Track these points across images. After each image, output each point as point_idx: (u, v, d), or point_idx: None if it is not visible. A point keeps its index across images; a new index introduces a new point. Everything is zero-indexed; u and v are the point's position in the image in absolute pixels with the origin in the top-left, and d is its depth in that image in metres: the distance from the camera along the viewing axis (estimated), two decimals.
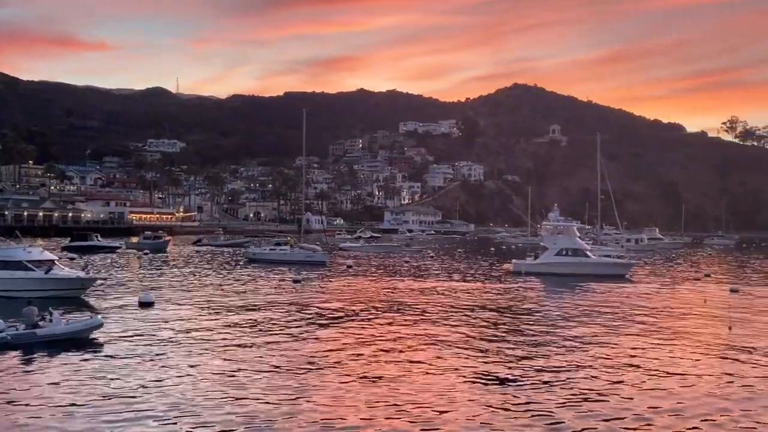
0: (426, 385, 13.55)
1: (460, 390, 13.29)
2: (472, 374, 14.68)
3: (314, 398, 12.44)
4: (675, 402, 12.70)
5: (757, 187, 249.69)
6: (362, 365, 15.41)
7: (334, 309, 25.36)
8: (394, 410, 11.77)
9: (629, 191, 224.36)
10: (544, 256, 44.79)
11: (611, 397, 12.97)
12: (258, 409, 11.72)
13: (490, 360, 16.29)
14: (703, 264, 63.24)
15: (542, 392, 13.22)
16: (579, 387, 13.69)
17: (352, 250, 72.05)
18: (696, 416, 11.81)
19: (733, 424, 11.44)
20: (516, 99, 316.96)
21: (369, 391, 13.10)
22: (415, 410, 11.77)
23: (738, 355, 17.63)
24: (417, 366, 15.37)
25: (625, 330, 21.53)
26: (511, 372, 14.98)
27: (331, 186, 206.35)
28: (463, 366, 15.49)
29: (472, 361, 16.13)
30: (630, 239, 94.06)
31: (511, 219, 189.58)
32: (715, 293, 34.59)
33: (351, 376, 14.26)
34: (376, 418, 11.36)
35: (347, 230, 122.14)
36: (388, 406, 12.00)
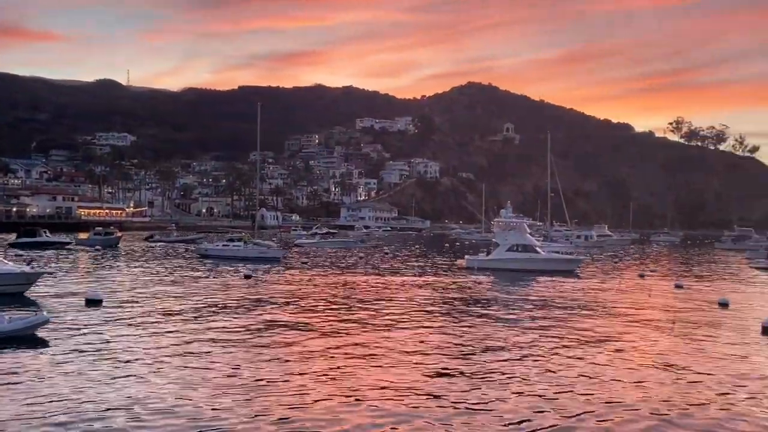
0: (382, 381, 13.69)
1: (415, 384, 13.49)
2: (426, 368, 14.91)
3: (268, 396, 12.31)
4: (618, 395, 13.19)
5: (701, 186, 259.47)
6: (317, 361, 15.46)
7: (287, 305, 25.32)
8: (351, 406, 11.85)
9: (580, 189, 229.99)
10: (496, 252, 45.66)
11: (560, 391, 13.36)
12: (210, 409, 11.52)
13: (444, 354, 16.57)
14: (650, 260, 65.40)
15: (497, 388, 13.53)
16: (528, 381, 14.07)
17: (307, 247, 71.84)
18: (639, 408, 12.29)
19: (676, 415, 11.93)
20: (471, 97, 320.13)
21: (325, 387, 13.15)
22: (373, 406, 11.88)
23: (680, 349, 18.38)
24: (373, 361, 15.52)
25: (571, 324, 22.16)
26: (464, 366, 15.27)
27: (286, 182, 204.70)
28: (418, 359, 15.72)
29: (427, 354, 16.38)
30: (579, 236, 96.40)
31: (466, 216, 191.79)
32: (661, 289, 35.88)
33: (306, 372, 14.27)
34: (333, 414, 11.44)
35: (303, 226, 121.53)
36: (344, 402, 12.08)
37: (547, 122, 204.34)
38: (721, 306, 27.80)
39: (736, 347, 18.51)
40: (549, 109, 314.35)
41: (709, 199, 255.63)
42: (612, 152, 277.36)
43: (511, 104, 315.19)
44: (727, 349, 18.24)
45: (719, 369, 15.59)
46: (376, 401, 12.18)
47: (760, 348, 18.60)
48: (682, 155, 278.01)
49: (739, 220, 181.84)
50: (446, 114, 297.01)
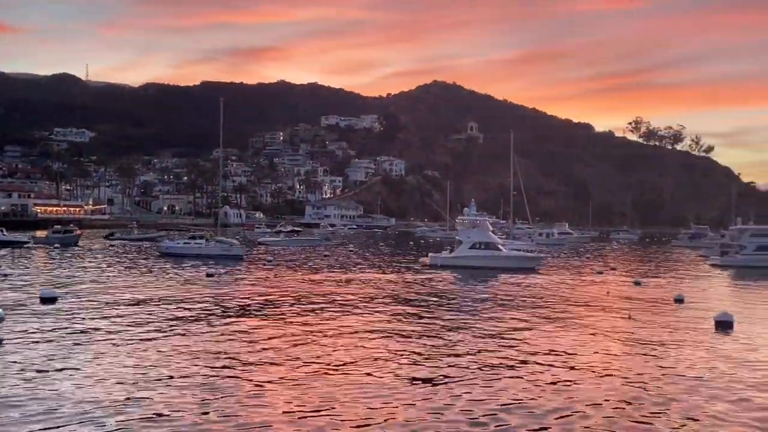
0: (346, 381, 13.68)
1: (380, 383, 13.51)
2: (391, 365, 14.95)
3: (229, 398, 12.12)
4: (576, 388, 13.44)
5: (658, 185, 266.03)
6: (281, 360, 15.36)
7: (250, 303, 25.11)
8: (313, 407, 11.78)
9: (541, 187, 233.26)
10: (459, 250, 46.09)
11: (522, 385, 13.55)
12: (166, 411, 11.28)
13: (409, 350, 16.64)
14: (609, 258, 66.78)
15: (461, 384, 13.64)
16: (491, 376, 14.22)
17: (271, 245, 71.31)
18: (594, 400, 12.54)
19: (633, 408, 12.22)
20: (435, 96, 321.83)
21: (288, 388, 13.08)
22: (337, 407, 11.83)
23: (637, 343, 18.81)
24: (337, 360, 15.49)
25: (532, 320, 22.48)
26: (429, 362, 15.37)
27: (250, 179, 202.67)
28: (383, 357, 15.76)
29: (391, 351, 16.43)
30: (541, 234, 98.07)
31: (431, 214, 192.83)
32: (619, 285, 36.67)
33: (269, 372, 14.12)
34: (299, 413, 11.39)
35: (267, 224, 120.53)
36: (308, 403, 12.01)
37: (510, 121, 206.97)
38: (677, 302, 28.53)
39: (689, 342, 19.03)
40: (512, 109, 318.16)
41: (666, 197, 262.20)
42: (573, 151, 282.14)
43: (475, 103, 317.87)
44: (681, 343, 18.74)
45: (673, 362, 16.01)
46: (341, 399, 12.16)
47: (712, 342, 19.15)
48: (641, 155, 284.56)
49: (695, 218, 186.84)
50: (411, 112, 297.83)
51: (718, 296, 32.33)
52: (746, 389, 13.51)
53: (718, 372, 15.03)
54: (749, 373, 14.95)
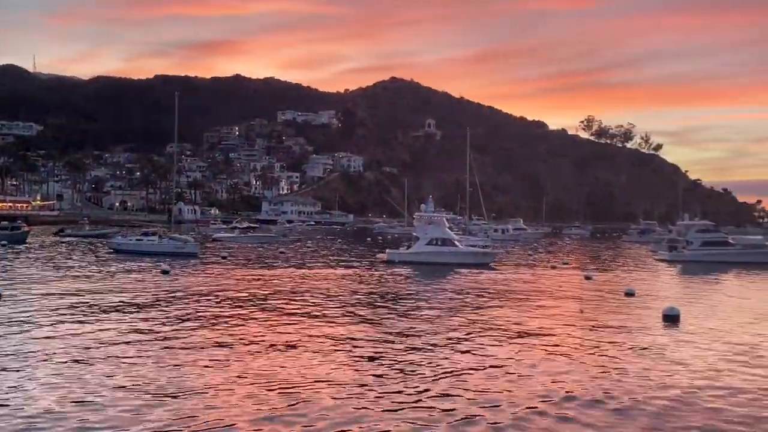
0: (304, 375, 13.65)
1: (339, 377, 13.53)
2: (347, 360, 14.99)
3: (182, 397, 11.95)
4: (530, 381, 13.73)
5: (609, 182, 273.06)
6: (239, 357, 15.22)
7: (205, 300, 24.77)
8: (270, 404, 11.74)
9: (497, 184, 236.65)
10: (416, 246, 46.47)
11: (472, 379, 13.76)
12: (115, 414, 11.05)
13: (364, 346, 16.71)
14: (562, 253, 68.22)
15: (415, 380, 13.76)
16: (445, 370, 14.39)
17: (227, 241, 70.44)
18: (550, 396, 12.83)
19: (584, 400, 12.53)
20: (393, 92, 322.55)
21: (243, 384, 12.96)
22: (292, 403, 11.80)
23: (587, 336, 19.30)
24: (295, 356, 15.43)
25: (485, 314, 22.83)
26: (385, 357, 15.46)
27: (205, 174, 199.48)
28: (339, 352, 15.78)
29: (347, 347, 16.45)
30: (497, 229, 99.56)
31: (390, 210, 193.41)
32: (571, 280, 37.52)
33: (224, 370, 14.00)
34: (251, 412, 11.32)
35: (223, 220, 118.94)
36: (265, 400, 11.95)
37: (466, 119, 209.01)
38: (627, 295, 29.39)
39: (638, 334, 19.64)
40: (468, 106, 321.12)
41: (616, 194, 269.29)
42: (527, 149, 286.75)
43: (433, 100, 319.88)
44: (631, 335, 19.34)
45: (622, 354, 16.50)
46: (297, 396, 12.15)
47: (660, 334, 19.80)
48: (593, 152, 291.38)
49: (644, 214, 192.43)
50: (369, 108, 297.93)
51: (666, 290, 33.40)
52: (689, 382, 14.02)
53: (663, 365, 15.55)
54: (692, 366, 15.51)
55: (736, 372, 14.82)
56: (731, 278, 41.40)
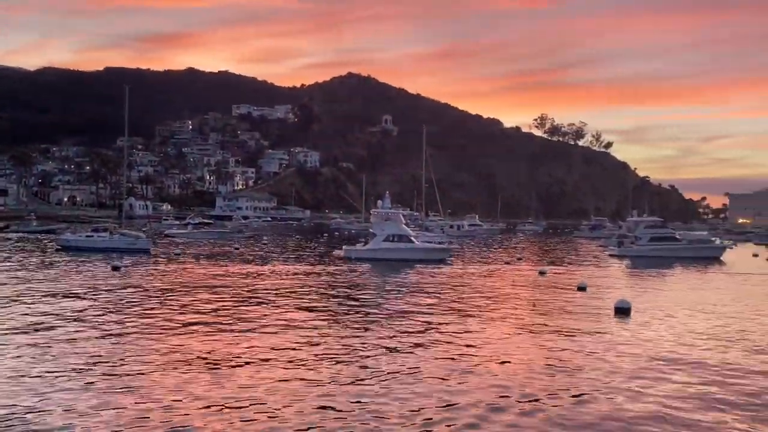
0: (256, 374, 13.49)
1: (289, 376, 13.42)
2: (302, 358, 14.87)
3: (132, 398, 11.63)
4: (486, 375, 13.88)
5: (562, 179, 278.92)
6: (192, 357, 14.93)
7: (160, 298, 24.24)
8: (221, 405, 11.56)
9: (453, 181, 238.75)
10: (373, 242, 46.51)
11: (428, 376, 13.82)
12: (61, 414, 10.72)
13: (319, 343, 16.61)
14: (516, 248, 69.32)
15: (371, 378, 13.74)
16: (401, 368, 14.43)
17: (180, 237, 69.14)
18: (506, 387, 12.99)
19: (539, 393, 12.73)
20: (350, 88, 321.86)
21: (196, 384, 12.74)
22: (246, 403, 11.65)
23: (541, 329, 19.65)
24: (248, 353, 15.22)
25: (440, 310, 23.01)
26: (342, 354, 15.40)
27: (157, 169, 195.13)
28: (294, 350, 15.64)
29: (301, 344, 16.33)
30: (453, 225, 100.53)
31: (347, 206, 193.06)
32: (525, 274, 38.15)
33: (176, 370, 13.69)
34: (203, 413, 11.12)
35: (176, 216, 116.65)
36: (217, 401, 11.76)
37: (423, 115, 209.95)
38: (579, 289, 30.06)
39: (591, 327, 20.09)
40: (425, 103, 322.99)
41: (569, 190, 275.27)
42: (483, 146, 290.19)
43: (390, 96, 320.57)
44: (584, 328, 19.77)
45: (576, 346, 16.85)
46: (249, 395, 11.99)
47: (612, 327, 20.31)
48: (546, 150, 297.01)
49: (595, 210, 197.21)
50: (326, 104, 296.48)
51: (617, 284, 34.26)
52: (642, 372, 14.41)
53: (616, 356, 15.94)
54: (643, 357, 15.96)
55: (684, 361, 15.30)
56: (677, 272, 42.79)
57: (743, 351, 16.89)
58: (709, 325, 20.76)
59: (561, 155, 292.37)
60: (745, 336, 19.08)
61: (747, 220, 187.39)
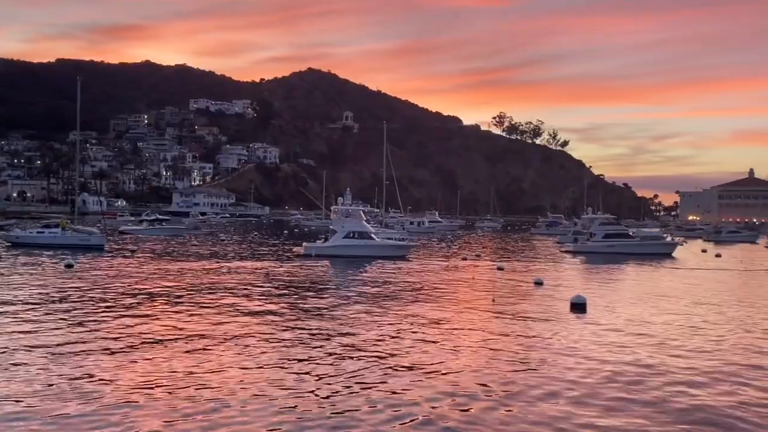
0: (213, 374, 13.36)
1: (252, 372, 13.34)
2: (260, 355, 14.79)
3: (84, 400, 11.32)
4: (445, 368, 14.05)
5: (519, 177, 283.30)
6: (144, 356, 14.67)
7: (114, 295, 23.73)
8: (178, 404, 11.40)
9: (413, 178, 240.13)
10: (333, 239, 46.43)
11: (387, 374, 13.92)
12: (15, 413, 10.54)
13: (278, 341, 16.55)
14: (475, 245, 70.14)
15: (330, 376, 13.77)
16: (359, 366, 14.49)
17: (135, 234, 67.77)
18: (461, 381, 13.17)
19: (497, 385, 12.94)
20: (310, 83, 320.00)
21: (152, 384, 12.52)
22: (200, 404, 11.50)
23: (499, 324, 19.97)
24: (204, 354, 15.05)
25: (402, 305, 23.17)
26: (298, 353, 15.37)
27: (112, 164, 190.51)
28: (252, 347, 15.54)
29: (260, 343, 16.24)
30: (413, 222, 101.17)
31: (306, 202, 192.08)
32: (484, 270, 38.67)
33: (132, 370, 13.48)
34: (161, 413, 10.96)
35: (131, 212, 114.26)
36: (172, 400, 11.60)
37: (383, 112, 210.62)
38: (537, 285, 30.68)
39: (548, 321, 20.52)
40: (385, 100, 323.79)
41: (526, 188, 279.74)
42: (442, 143, 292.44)
43: (350, 93, 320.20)
44: (541, 323, 20.18)
45: (534, 341, 17.21)
46: (207, 396, 11.88)
47: (567, 322, 20.78)
48: (504, 147, 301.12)
49: (551, 207, 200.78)
50: (286, 99, 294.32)
51: (572, 279, 35.04)
52: (598, 366, 14.81)
53: (572, 350, 16.34)
54: (599, 350, 16.39)
55: (639, 352, 15.78)
56: (631, 268, 43.97)
57: (694, 344, 17.49)
58: (662, 320, 21.42)
59: (519, 153, 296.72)
60: (695, 329, 19.76)
61: (696, 217, 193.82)
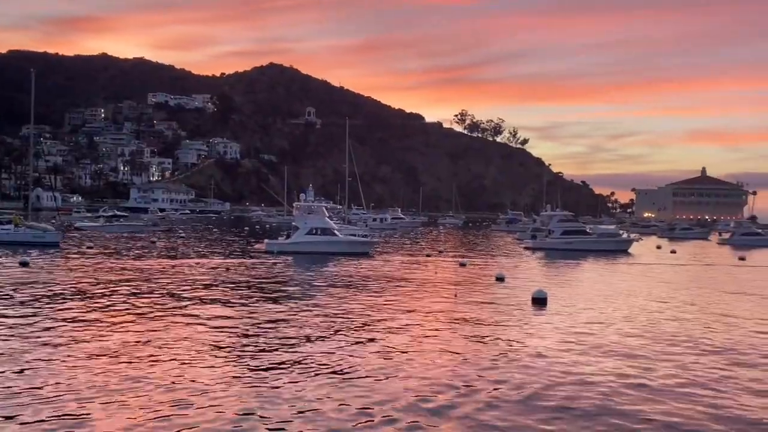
0: (170, 373, 13.18)
1: (204, 377, 13.19)
2: (220, 352, 14.65)
3: (36, 404, 10.94)
4: (408, 364, 14.13)
5: (480, 174, 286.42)
6: (101, 356, 14.36)
7: (72, 294, 23.14)
8: (133, 406, 11.22)
9: (376, 174, 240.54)
10: (296, 236, 46.19)
11: (349, 374, 13.94)
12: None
13: (238, 340, 16.40)
14: (437, 241, 70.64)
15: (290, 376, 13.71)
16: (322, 365, 14.47)
17: (92, 230, 66.21)
18: (425, 376, 13.28)
19: (461, 381, 13.08)
20: (272, 78, 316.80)
21: (107, 386, 12.29)
22: (156, 405, 11.34)
23: (462, 319, 20.18)
24: (162, 353, 14.80)
25: (364, 301, 23.19)
26: (260, 353, 15.27)
27: (67, 159, 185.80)
28: (212, 345, 15.37)
29: (221, 339, 16.07)
30: (375, 218, 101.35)
31: (268, 198, 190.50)
32: (446, 266, 38.99)
33: (87, 371, 13.16)
34: (115, 414, 10.76)
35: (88, 208, 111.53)
36: (127, 402, 11.39)
37: (346, 108, 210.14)
38: (498, 280, 31.07)
39: (510, 316, 20.83)
40: (348, 96, 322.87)
41: (487, 185, 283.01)
42: (405, 140, 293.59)
43: (313, 88, 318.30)
44: (503, 317, 20.47)
45: (497, 335, 17.43)
46: (164, 396, 11.72)
47: (530, 316, 21.14)
48: (466, 145, 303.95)
49: (511, 204, 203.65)
50: (247, 94, 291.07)
51: (533, 275, 35.59)
52: (562, 359, 15.11)
53: (535, 345, 16.63)
54: (561, 344, 16.73)
55: (599, 347, 16.14)
56: (589, 264, 44.96)
57: (650, 336, 17.98)
58: (619, 314, 21.95)
59: (480, 150, 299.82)
60: (651, 321, 20.32)
61: (651, 214, 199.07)
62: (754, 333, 19.14)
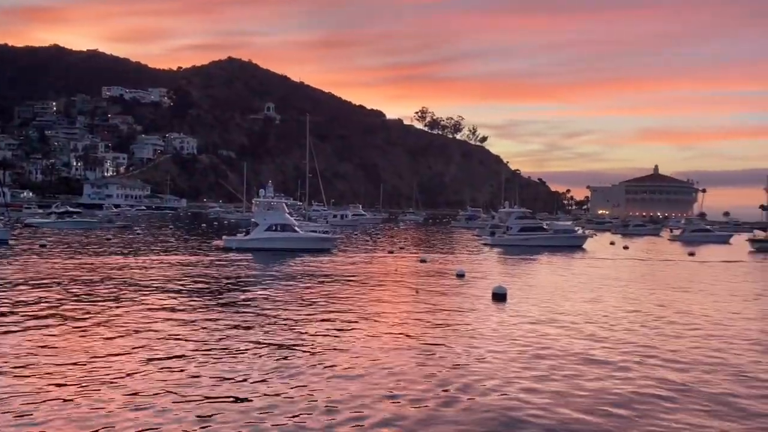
0: (129, 370, 12.92)
1: (164, 371, 12.98)
2: (174, 351, 14.41)
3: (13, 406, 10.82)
4: (373, 359, 14.14)
5: (441, 171, 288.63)
6: (51, 358, 13.96)
7: (19, 293, 22.42)
8: (81, 410, 10.95)
9: (336, 171, 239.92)
10: (255, 232, 45.72)
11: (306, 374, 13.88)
12: None
13: (193, 339, 16.17)
14: (398, 237, 70.91)
15: (243, 376, 13.59)
16: (277, 365, 14.38)
17: (42, 227, 64.29)
18: (389, 373, 13.31)
19: (421, 377, 13.14)
20: (230, 73, 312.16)
21: (59, 389, 11.96)
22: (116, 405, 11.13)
23: (423, 315, 20.30)
24: (112, 354, 14.48)
25: (324, 299, 23.13)
26: (215, 353, 15.09)
27: (16, 153, 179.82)
28: (167, 343, 15.12)
29: (175, 341, 15.82)
30: (336, 215, 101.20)
31: (226, 195, 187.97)
32: (407, 263, 39.17)
33: (37, 374, 12.80)
34: (64, 417, 10.49)
35: (39, 204, 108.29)
36: (76, 407, 11.12)
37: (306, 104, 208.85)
38: (458, 276, 31.38)
39: (471, 311, 21.06)
40: (308, 91, 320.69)
41: (447, 182, 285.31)
42: (366, 137, 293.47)
43: (272, 83, 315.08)
44: (464, 312, 20.68)
45: (458, 331, 17.60)
46: (110, 399, 11.49)
47: (490, 311, 21.40)
48: (426, 142, 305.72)
49: (470, 201, 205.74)
50: (204, 88, 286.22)
51: (492, 271, 36.05)
52: (524, 352, 15.33)
53: (496, 339, 16.85)
54: (522, 337, 16.98)
55: (557, 341, 16.44)
56: (546, 259, 45.77)
57: (606, 329, 18.41)
58: (575, 309, 22.41)
59: (440, 147, 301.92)
60: (606, 315, 20.81)
61: (606, 211, 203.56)
62: (699, 323, 19.79)
